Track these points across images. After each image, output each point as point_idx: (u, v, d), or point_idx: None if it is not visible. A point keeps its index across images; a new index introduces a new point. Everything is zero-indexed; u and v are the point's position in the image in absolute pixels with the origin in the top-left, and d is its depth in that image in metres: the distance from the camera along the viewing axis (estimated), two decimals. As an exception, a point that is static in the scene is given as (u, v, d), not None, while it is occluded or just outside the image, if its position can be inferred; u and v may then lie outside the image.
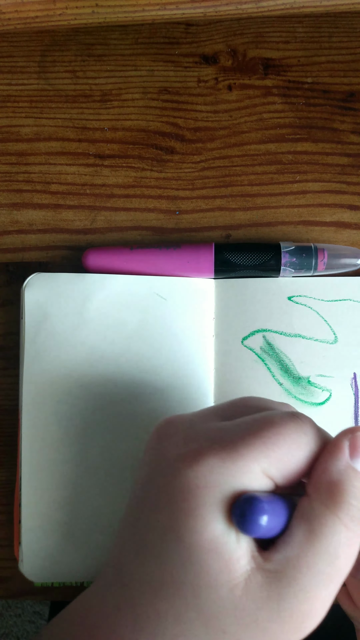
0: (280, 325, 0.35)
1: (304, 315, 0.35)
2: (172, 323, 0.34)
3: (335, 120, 0.37)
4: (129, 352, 0.34)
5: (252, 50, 0.37)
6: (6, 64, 0.37)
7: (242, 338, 0.35)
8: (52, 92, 0.37)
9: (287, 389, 0.35)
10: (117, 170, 0.37)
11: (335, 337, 0.35)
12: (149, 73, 0.37)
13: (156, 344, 0.34)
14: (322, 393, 0.35)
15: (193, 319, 0.35)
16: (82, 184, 0.37)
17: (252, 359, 0.35)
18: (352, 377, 0.35)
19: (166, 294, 0.35)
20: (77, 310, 0.34)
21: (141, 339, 0.34)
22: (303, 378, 0.35)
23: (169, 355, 0.34)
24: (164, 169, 0.37)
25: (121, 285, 0.34)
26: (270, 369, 0.35)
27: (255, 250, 0.34)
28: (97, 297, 0.34)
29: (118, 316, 0.34)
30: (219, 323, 0.35)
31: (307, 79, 0.37)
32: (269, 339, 0.35)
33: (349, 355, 0.35)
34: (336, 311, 0.35)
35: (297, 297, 0.35)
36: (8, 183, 0.37)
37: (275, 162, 0.37)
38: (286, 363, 0.35)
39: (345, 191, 0.36)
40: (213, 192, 0.37)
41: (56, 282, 0.34)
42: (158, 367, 0.34)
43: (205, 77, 0.37)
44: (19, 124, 0.37)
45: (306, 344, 0.35)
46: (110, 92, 0.37)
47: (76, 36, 0.37)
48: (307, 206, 0.36)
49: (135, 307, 0.34)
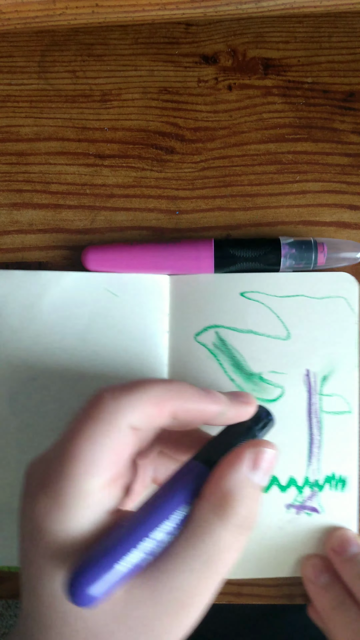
0: (232, 321, 0.35)
1: (256, 311, 0.35)
2: (125, 319, 0.35)
3: (335, 120, 0.37)
4: (82, 348, 0.34)
5: (252, 50, 0.37)
6: (6, 64, 0.37)
7: (195, 334, 0.35)
8: (52, 92, 0.37)
9: (239, 385, 0.35)
10: (117, 170, 0.37)
11: (288, 333, 0.35)
12: (149, 73, 0.37)
13: (109, 340, 0.34)
14: (274, 389, 0.35)
15: (146, 315, 0.35)
16: (82, 184, 0.37)
17: (205, 355, 0.35)
18: (304, 373, 0.35)
19: (118, 290, 0.35)
20: (31, 307, 0.35)
21: (94, 335, 0.34)
22: (255, 374, 0.35)
23: (122, 351, 0.34)
24: (164, 169, 0.37)
25: (73, 282, 0.35)
26: (222, 365, 0.35)
27: (255, 243, 0.34)
28: (50, 294, 0.35)
29: (70, 313, 0.35)
30: (173, 319, 0.35)
31: (307, 79, 0.37)
32: (221, 335, 0.35)
33: (302, 351, 0.35)
34: (289, 307, 0.35)
35: (250, 293, 0.35)
36: (8, 183, 0.37)
37: (275, 162, 0.37)
38: (238, 359, 0.35)
39: (345, 191, 0.36)
40: (213, 192, 0.37)
41: (10, 279, 0.35)
42: (111, 362, 0.34)
43: (205, 77, 0.37)
44: (19, 124, 0.37)
45: (259, 340, 0.35)
46: (110, 92, 0.37)
47: (76, 36, 0.37)
48: (307, 206, 0.36)
49: (87, 304, 0.35)
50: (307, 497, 0.34)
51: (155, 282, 0.35)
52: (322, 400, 0.34)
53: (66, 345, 0.34)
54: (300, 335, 0.35)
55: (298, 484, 0.34)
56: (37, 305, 0.35)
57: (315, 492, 0.34)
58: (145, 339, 0.35)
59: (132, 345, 0.34)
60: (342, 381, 0.35)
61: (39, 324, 0.35)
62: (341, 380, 0.35)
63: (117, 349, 0.34)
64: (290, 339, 0.35)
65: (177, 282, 0.35)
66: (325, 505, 0.34)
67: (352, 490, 0.34)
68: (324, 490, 0.34)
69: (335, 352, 0.35)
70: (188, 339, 0.35)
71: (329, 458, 0.34)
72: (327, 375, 0.35)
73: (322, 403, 0.34)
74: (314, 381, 0.35)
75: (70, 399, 0.34)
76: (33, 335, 0.34)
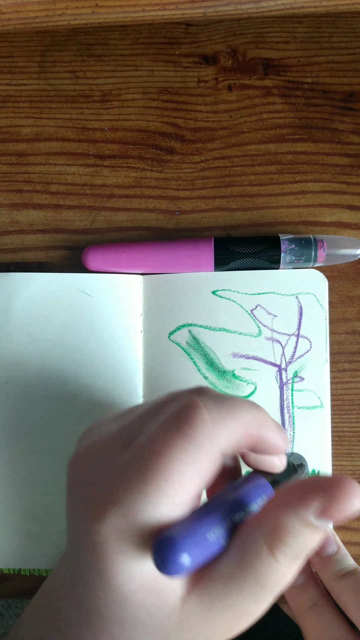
0: (205, 319, 0.35)
1: (228, 309, 0.35)
2: (98, 319, 0.35)
3: (335, 120, 0.37)
4: (56, 349, 0.35)
5: (252, 51, 0.37)
6: (6, 64, 0.37)
7: (169, 333, 0.35)
8: (52, 92, 0.37)
9: (212, 382, 0.35)
10: (117, 170, 0.37)
11: (259, 330, 0.35)
12: (149, 73, 0.37)
13: (83, 340, 0.35)
14: (247, 386, 0.35)
15: (120, 315, 0.35)
16: (82, 184, 0.37)
17: (179, 353, 0.35)
18: (276, 369, 0.35)
19: (91, 290, 0.35)
20: (1, 308, 0.35)
21: (67, 336, 0.35)
22: (228, 372, 0.35)
23: (96, 351, 0.35)
24: (164, 169, 0.37)
25: (45, 283, 0.35)
26: (196, 363, 0.35)
27: (254, 240, 0.35)
28: (21, 296, 0.35)
29: (43, 314, 0.35)
30: (147, 318, 0.35)
31: (307, 79, 0.37)
32: (194, 334, 0.35)
33: (273, 348, 0.35)
34: (260, 304, 0.35)
35: (221, 291, 0.35)
36: (8, 183, 0.37)
37: (275, 162, 0.37)
38: (211, 357, 0.35)
39: (345, 191, 0.36)
40: (213, 192, 0.37)
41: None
42: (86, 363, 0.34)
43: (205, 77, 0.37)
44: (19, 124, 0.37)
45: (231, 337, 0.35)
46: (110, 92, 0.37)
47: (76, 36, 0.37)
48: (307, 206, 0.36)
49: (60, 305, 0.35)
50: None
51: (129, 282, 0.35)
52: (293, 395, 0.35)
53: (40, 346, 0.34)
54: (271, 332, 0.35)
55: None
56: (9, 308, 0.35)
57: None
58: (120, 338, 0.35)
59: (107, 345, 0.35)
60: (312, 376, 0.35)
61: (10, 326, 0.35)
62: (312, 375, 0.35)
63: (91, 349, 0.35)
64: (262, 335, 0.35)
65: (150, 282, 0.35)
66: None
67: None
68: None
69: (306, 348, 0.35)
70: (162, 338, 0.35)
71: (301, 453, 0.34)
72: (298, 371, 0.35)
73: (293, 398, 0.35)
74: (286, 377, 0.35)
75: (45, 401, 0.34)
76: (4, 337, 0.34)
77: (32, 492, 0.34)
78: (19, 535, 0.34)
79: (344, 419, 0.35)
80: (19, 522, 0.34)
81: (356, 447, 0.35)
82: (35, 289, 0.35)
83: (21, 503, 0.34)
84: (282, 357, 0.35)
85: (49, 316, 0.35)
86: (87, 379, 0.34)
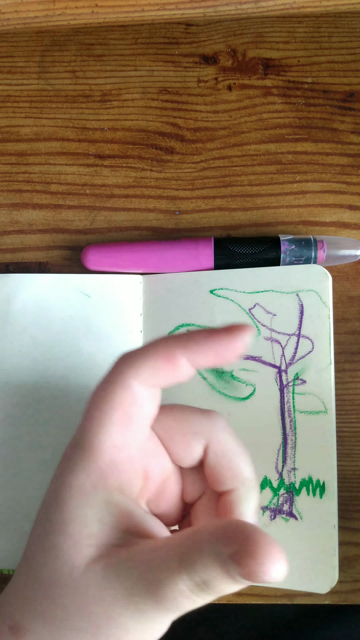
0: (202, 319, 0.35)
1: (225, 309, 0.34)
2: (98, 320, 0.35)
3: (335, 120, 0.37)
4: (55, 349, 0.34)
5: (252, 50, 0.37)
6: (6, 64, 0.37)
7: (169, 333, 0.35)
8: (52, 92, 0.37)
9: (210, 383, 0.34)
10: (117, 170, 0.37)
11: (258, 329, 0.34)
12: (149, 73, 0.37)
13: (82, 341, 0.34)
14: (246, 388, 0.34)
15: (120, 316, 0.35)
16: (82, 184, 0.37)
17: None
18: (276, 371, 0.34)
19: (90, 291, 0.35)
20: (1, 309, 0.34)
21: (67, 337, 0.34)
22: (226, 372, 0.34)
23: (95, 352, 0.34)
24: (164, 169, 0.37)
25: (44, 284, 0.35)
26: None
27: (254, 240, 0.34)
28: (20, 297, 0.35)
29: (42, 315, 0.35)
30: (147, 319, 0.35)
31: (307, 79, 0.37)
32: None
33: (272, 348, 0.34)
34: (258, 303, 0.34)
35: (219, 290, 0.34)
36: (8, 183, 0.37)
37: (275, 162, 0.37)
38: None
39: (345, 191, 0.36)
40: (213, 192, 0.37)
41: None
42: (86, 363, 0.34)
43: (205, 77, 0.37)
44: (19, 124, 0.37)
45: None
46: (110, 92, 0.37)
47: (76, 36, 0.37)
48: (307, 206, 0.36)
49: (59, 306, 0.35)
50: (282, 500, 0.33)
51: (128, 282, 0.35)
52: (295, 399, 0.33)
53: (39, 347, 0.34)
54: (270, 331, 0.34)
55: (273, 486, 0.33)
56: (8, 310, 0.34)
57: (291, 496, 0.33)
58: (119, 339, 0.35)
59: (106, 345, 0.34)
60: (315, 379, 0.33)
61: (10, 328, 0.34)
62: (314, 378, 0.33)
63: (91, 349, 0.34)
64: (260, 335, 0.34)
65: (150, 282, 0.35)
66: (303, 512, 0.33)
67: (332, 497, 0.33)
68: (300, 494, 0.33)
69: (307, 348, 0.33)
70: None
71: (304, 460, 0.33)
72: (299, 373, 0.33)
73: (295, 402, 0.33)
74: (286, 379, 0.34)
75: (45, 402, 0.34)
76: (4, 338, 0.34)
77: (32, 492, 0.34)
78: (19, 535, 0.34)
79: (344, 420, 0.35)
80: (19, 522, 0.34)
81: (356, 448, 0.35)
82: (34, 290, 0.35)
83: (21, 503, 0.34)
84: (281, 358, 0.34)
85: (48, 317, 0.35)
86: (87, 379, 0.34)
